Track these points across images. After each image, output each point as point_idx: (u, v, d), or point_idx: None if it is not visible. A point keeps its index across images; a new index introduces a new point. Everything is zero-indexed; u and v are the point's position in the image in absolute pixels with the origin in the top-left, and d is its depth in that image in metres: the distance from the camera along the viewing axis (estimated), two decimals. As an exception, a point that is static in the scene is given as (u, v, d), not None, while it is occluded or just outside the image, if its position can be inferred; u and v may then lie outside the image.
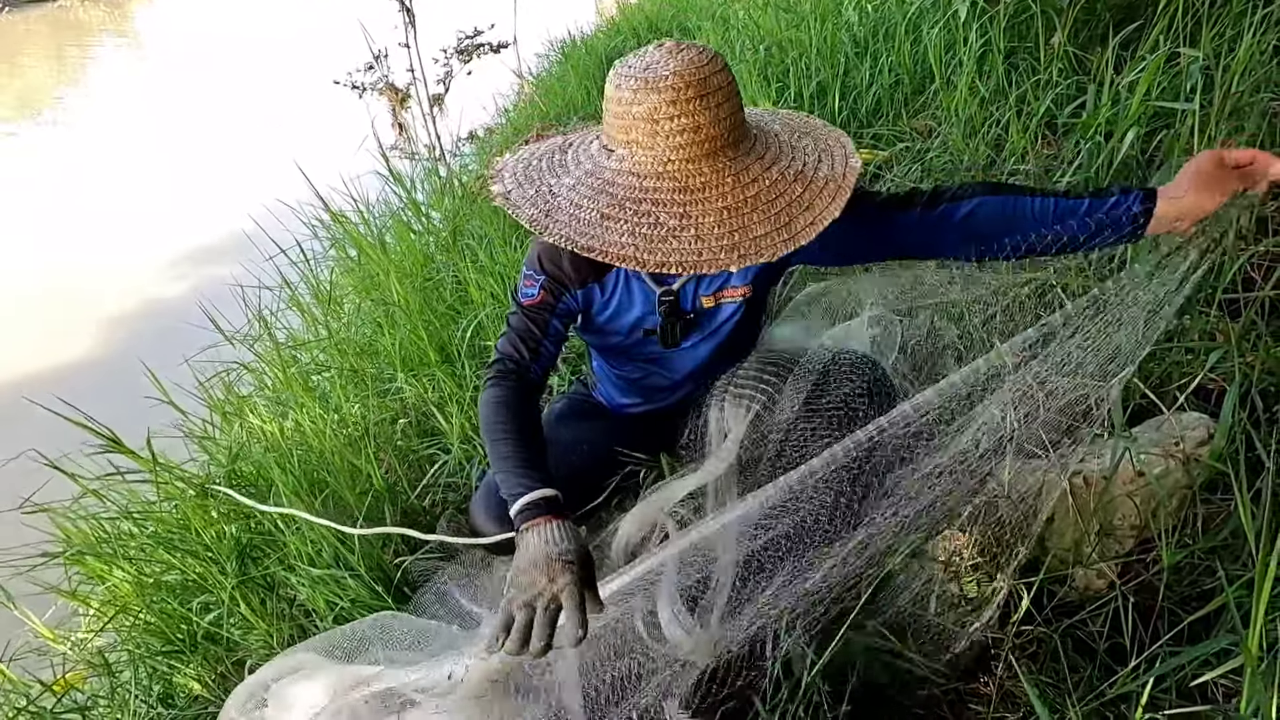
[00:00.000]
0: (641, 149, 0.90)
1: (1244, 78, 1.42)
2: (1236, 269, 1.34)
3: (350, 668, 1.27)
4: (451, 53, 3.86)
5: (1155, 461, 1.25)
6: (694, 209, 0.90)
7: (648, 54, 0.92)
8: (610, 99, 0.91)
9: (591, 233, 0.89)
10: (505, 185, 0.98)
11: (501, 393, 1.15)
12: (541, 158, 1.02)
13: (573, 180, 0.94)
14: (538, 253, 1.16)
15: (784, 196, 0.94)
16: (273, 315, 2.40)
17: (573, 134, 1.10)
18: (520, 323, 1.18)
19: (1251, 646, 0.65)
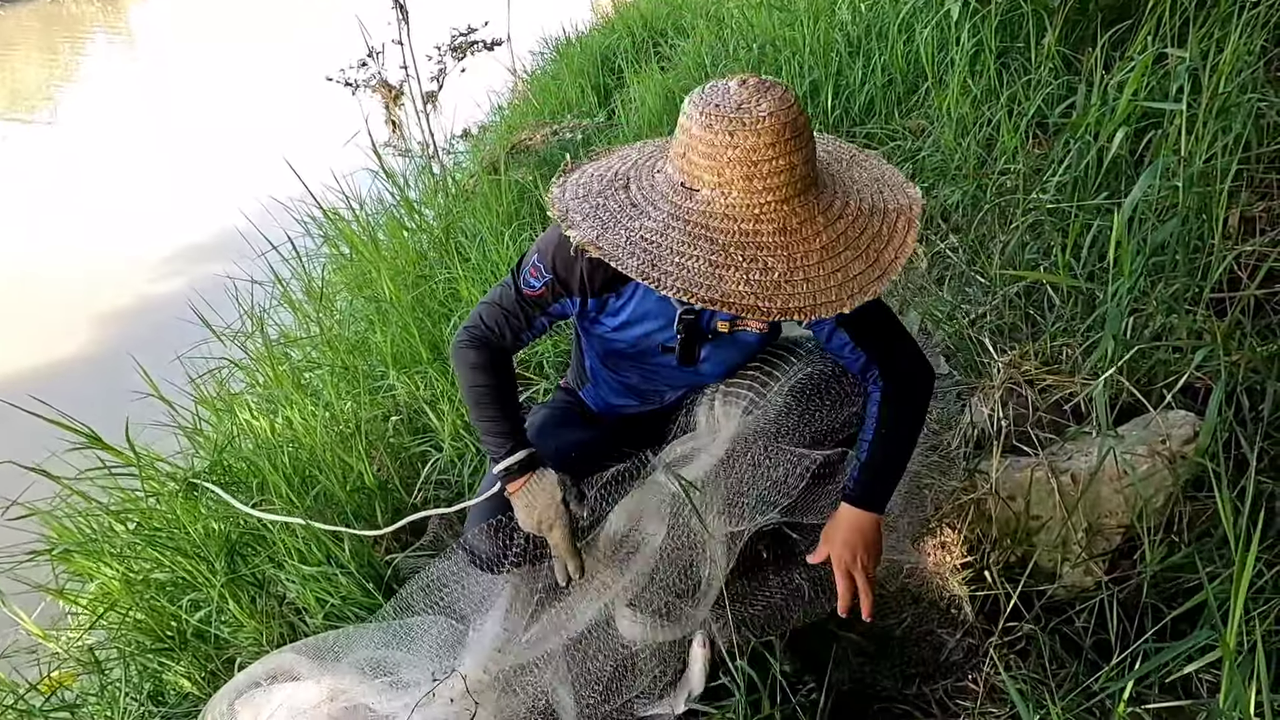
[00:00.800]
0: (736, 190, 0.87)
1: (1231, 78, 1.43)
2: (1223, 268, 1.35)
3: (328, 678, 1.27)
4: (445, 50, 3.85)
5: (1142, 460, 1.26)
6: (796, 250, 0.89)
7: (732, 91, 0.88)
8: (697, 139, 0.87)
9: (707, 284, 0.86)
10: (586, 231, 0.92)
11: (481, 357, 1.20)
12: (603, 195, 0.97)
13: (658, 224, 0.89)
14: (553, 250, 1.12)
15: (867, 231, 0.95)
16: (265, 312, 2.39)
17: (611, 160, 1.05)
18: (512, 306, 1.18)
19: (1229, 641, 0.66)
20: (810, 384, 1.24)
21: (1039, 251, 1.71)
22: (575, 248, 1.01)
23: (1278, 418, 1.22)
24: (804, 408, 1.22)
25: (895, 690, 1.26)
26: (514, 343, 1.22)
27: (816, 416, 1.22)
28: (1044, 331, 1.57)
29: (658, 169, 0.98)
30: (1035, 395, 1.51)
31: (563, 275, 1.13)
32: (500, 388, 1.20)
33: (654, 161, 1.00)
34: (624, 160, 1.04)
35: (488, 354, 1.20)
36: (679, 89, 3.13)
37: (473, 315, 1.22)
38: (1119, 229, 1.30)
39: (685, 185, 0.90)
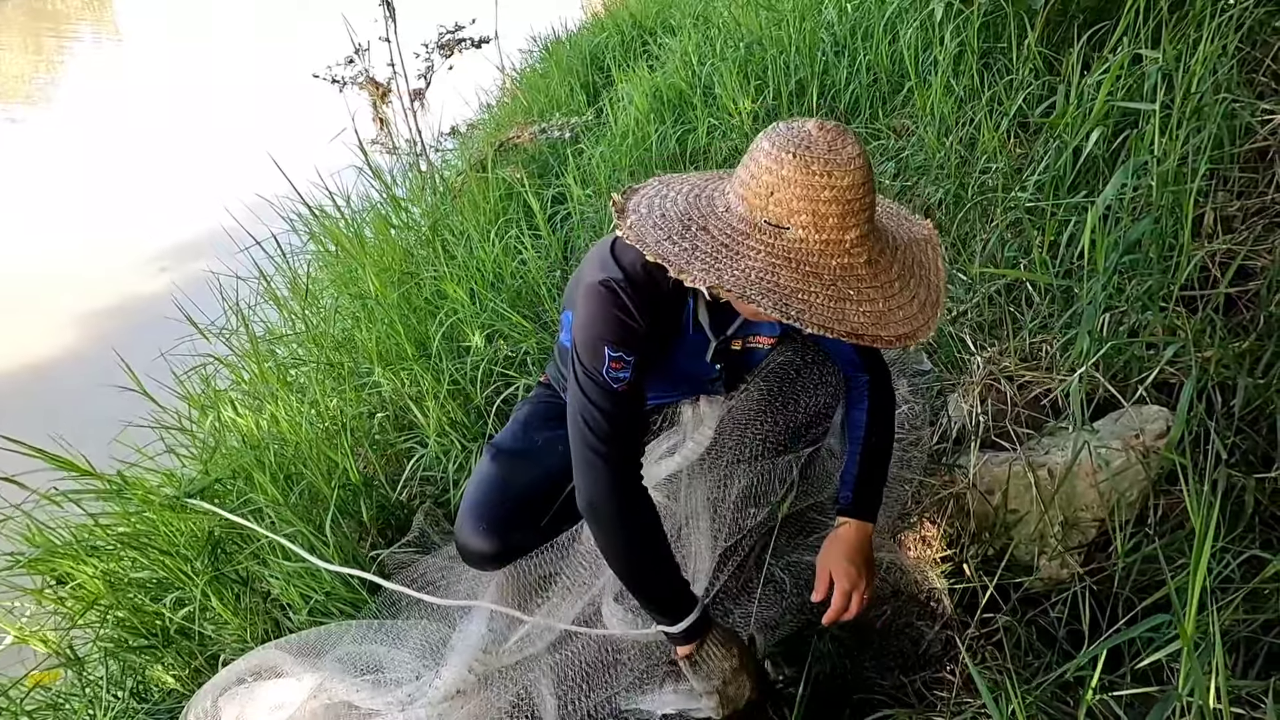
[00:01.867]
0: (830, 227, 0.90)
1: (1204, 79, 1.46)
2: (1194, 266, 1.37)
3: (312, 675, 1.28)
4: (432, 47, 3.83)
5: (1116, 454, 1.28)
6: (881, 280, 0.94)
7: (815, 134, 0.91)
8: (790, 180, 0.89)
9: (836, 318, 0.89)
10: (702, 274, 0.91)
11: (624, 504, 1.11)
12: (686, 238, 0.95)
13: (763, 264, 0.90)
14: (613, 330, 1.09)
15: (917, 260, 1.01)
16: (250, 309, 2.38)
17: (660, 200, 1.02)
18: (619, 409, 1.10)
19: (1187, 628, 0.67)
20: (787, 369, 1.26)
21: (1019, 249, 1.73)
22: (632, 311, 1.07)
23: (1248, 413, 1.24)
24: (782, 392, 1.24)
25: (874, 681, 1.27)
26: (639, 436, 1.18)
27: (794, 399, 1.24)
28: (1023, 328, 1.59)
29: (721, 209, 0.97)
30: (1014, 391, 1.53)
31: (638, 348, 1.11)
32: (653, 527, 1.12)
33: (711, 200, 0.99)
34: (672, 199, 1.01)
35: (626, 494, 1.11)
36: (667, 87, 3.14)
37: (584, 450, 1.11)
38: (1093, 226, 1.32)
39: (771, 224, 0.92)
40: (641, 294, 1.09)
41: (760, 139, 0.94)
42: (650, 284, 1.09)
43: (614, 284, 1.09)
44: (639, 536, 1.11)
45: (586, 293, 1.11)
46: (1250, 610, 1.06)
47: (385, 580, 1.35)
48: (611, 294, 1.08)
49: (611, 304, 1.09)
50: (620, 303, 1.08)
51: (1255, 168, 1.56)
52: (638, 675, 1.25)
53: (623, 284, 1.09)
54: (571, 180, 2.78)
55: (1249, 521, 1.15)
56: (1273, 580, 1.02)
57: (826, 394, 1.30)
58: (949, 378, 1.67)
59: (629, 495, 1.11)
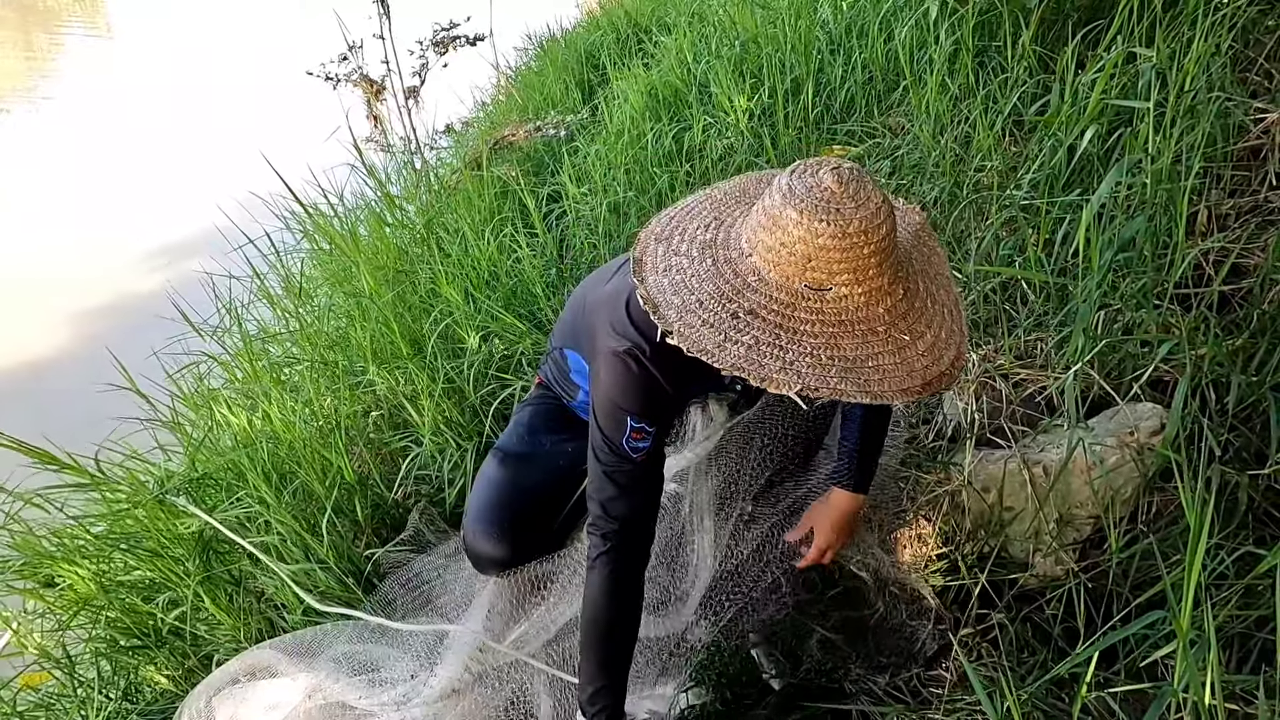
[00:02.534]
0: (869, 279, 0.88)
1: (1197, 78, 1.46)
2: (1187, 264, 1.38)
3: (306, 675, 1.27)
4: (427, 45, 3.82)
5: (1111, 451, 1.28)
6: (917, 304, 0.93)
7: (835, 191, 0.86)
8: (827, 248, 0.86)
9: (907, 371, 0.88)
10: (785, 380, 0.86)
11: (617, 580, 1.11)
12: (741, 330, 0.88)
13: (823, 339, 0.87)
14: (635, 401, 1.07)
15: (922, 255, 1.00)
16: (243, 307, 2.37)
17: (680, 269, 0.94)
18: (636, 478, 1.10)
19: (1183, 624, 0.67)
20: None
21: (1014, 247, 1.74)
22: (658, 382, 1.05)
23: (1241, 410, 1.25)
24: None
25: (868, 679, 1.27)
26: (653, 504, 1.16)
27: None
28: (1018, 326, 1.59)
29: (753, 279, 0.90)
30: (1009, 389, 1.53)
31: (660, 415, 1.09)
32: (622, 631, 1.13)
33: (735, 269, 0.92)
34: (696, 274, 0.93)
35: (623, 572, 1.11)
36: (662, 85, 3.13)
37: (596, 516, 1.11)
38: (1086, 224, 1.32)
39: (812, 288, 0.88)
40: (666, 360, 1.05)
41: (781, 204, 0.87)
42: (673, 349, 1.00)
43: (638, 354, 1.05)
44: (610, 610, 1.11)
45: (608, 362, 1.08)
46: (1243, 606, 1.06)
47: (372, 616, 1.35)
48: (637, 364, 1.05)
49: (636, 376, 1.05)
50: (645, 374, 1.05)
51: (1248, 166, 1.56)
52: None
53: (647, 354, 1.05)
54: (567, 178, 2.77)
55: (1242, 518, 1.15)
56: (1265, 576, 1.03)
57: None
58: (944, 376, 1.67)
59: (619, 572, 1.11)
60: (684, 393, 1.13)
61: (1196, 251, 1.40)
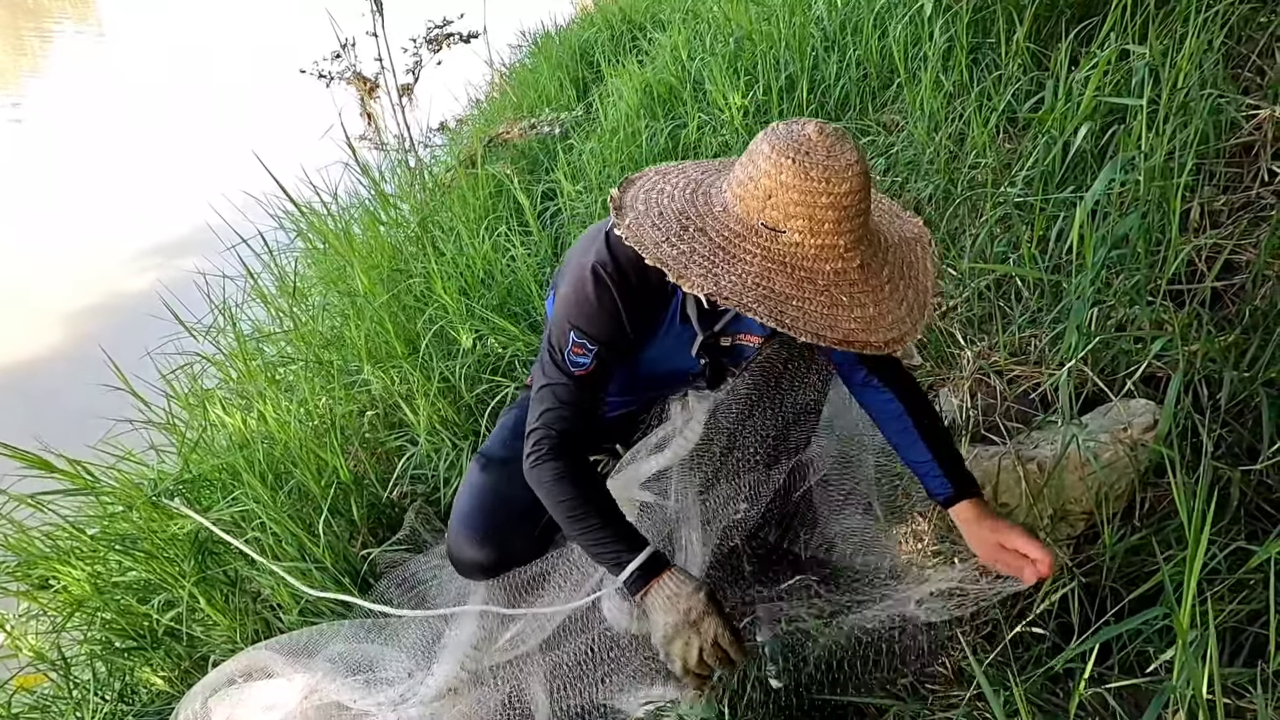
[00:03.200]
0: (825, 232, 0.91)
1: (1190, 75, 1.47)
2: (1180, 261, 1.38)
3: (303, 675, 1.27)
4: (420, 42, 3.81)
5: (1104, 447, 1.29)
6: (874, 283, 0.95)
7: (815, 139, 0.90)
8: (789, 185, 0.89)
9: (830, 325, 0.90)
10: (700, 281, 0.91)
11: (564, 468, 1.11)
12: (684, 240, 0.94)
13: (758, 269, 0.91)
14: (587, 317, 1.10)
15: (906, 260, 1.01)
16: (237, 307, 2.36)
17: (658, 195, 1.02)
18: (570, 395, 1.12)
19: (1183, 620, 0.68)
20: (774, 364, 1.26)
21: (1008, 244, 1.74)
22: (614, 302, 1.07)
23: (1234, 406, 1.25)
24: (769, 385, 1.24)
25: (864, 676, 1.28)
26: (586, 422, 1.16)
27: (782, 392, 1.25)
28: (1012, 323, 1.60)
29: (719, 208, 0.97)
30: (1003, 385, 1.53)
31: (608, 339, 1.11)
32: (591, 495, 1.11)
33: (708, 197, 0.99)
34: (669, 195, 1.01)
35: (568, 465, 1.11)
36: (657, 83, 3.13)
37: (533, 426, 1.14)
38: (1081, 222, 1.33)
39: (768, 226, 0.92)
40: (628, 282, 1.09)
41: (760, 141, 0.94)
42: (639, 273, 1.08)
43: (601, 270, 1.09)
44: (573, 503, 1.10)
45: (574, 272, 1.12)
46: (1236, 601, 1.07)
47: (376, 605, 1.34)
48: (596, 280, 1.09)
49: (593, 290, 1.09)
50: (601, 291, 1.08)
51: (1241, 163, 1.57)
52: (632, 672, 1.25)
53: (610, 271, 1.09)
54: (562, 176, 2.77)
55: (1235, 513, 1.16)
56: (1258, 571, 1.03)
57: (815, 388, 1.30)
58: (939, 373, 1.67)
59: (563, 470, 1.11)
60: (638, 328, 1.13)
61: (1190, 248, 1.41)
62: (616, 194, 1.01)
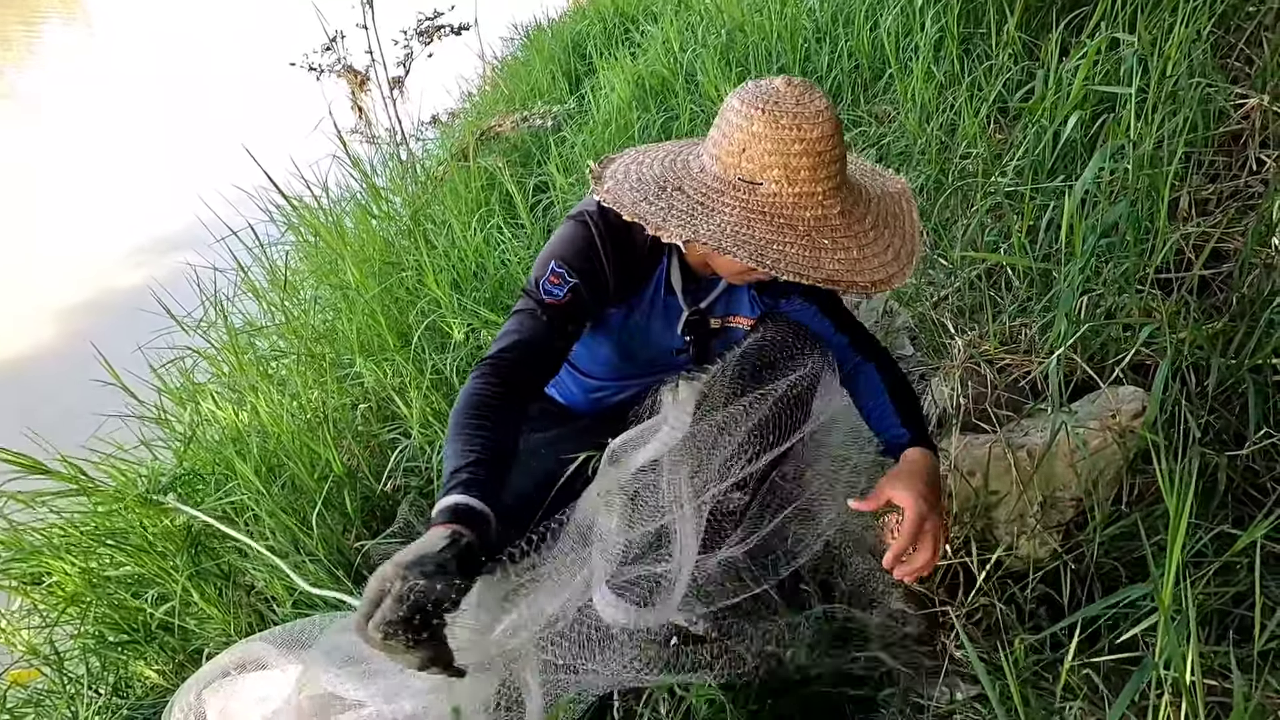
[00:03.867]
0: (802, 180, 0.92)
1: (1178, 64, 1.47)
2: (1168, 249, 1.39)
3: (297, 667, 1.27)
4: (411, 34, 3.79)
5: (1093, 434, 1.30)
6: (856, 229, 0.95)
7: (783, 90, 0.92)
8: (760, 135, 0.91)
9: (812, 265, 0.90)
10: (677, 229, 0.91)
11: (484, 388, 0.99)
12: (661, 198, 0.95)
13: (737, 218, 0.91)
14: (572, 250, 1.08)
15: (890, 211, 1.02)
16: (228, 301, 2.35)
17: (635, 166, 1.03)
18: (534, 323, 1.06)
19: (1165, 599, 0.69)
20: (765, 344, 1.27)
21: (999, 234, 1.75)
22: (595, 243, 1.06)
23: (1221, 392, 1.27)
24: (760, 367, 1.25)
25: (858, 664, 1.29)
26: (542, 362, 1.08)
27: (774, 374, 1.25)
28: (1003, 312, 1.61)
29: (696, 169, 0.98)
30: (994, 374, 1.54)
31: (585, 271, 1.08)
32: (483, 423, 0.97)
33: (686, 163, 1.01)
34: (648, 165, 1.03)
35: (491, 388, 0.99)
36: (649, 75, 3.12)
37: (493, 350, 1.05)
38: (1071, 211, 1.33)
39: (745, 180, 0.93)
40: (614, 235, 1.10)
41: (730, 98, 0.95)
42: (625, 233, 1.09)
43: (588, 218, 1.10)
44: (457, 421, 0.96)
45: (563, 224, 1.13)
46: (1221, 584, 1.08)
47: None
48: (583, 226, 1.09)
49: (579, 233, 1.09)
50: (587, 234, 1.09)
51: (1229, 151, 1.58)
52: (626, 663, 1.25)
53: (597, 221, 1.09)
54: (554, 168, 2.76)
55: (1221, 498, 1.17)
56: (1244, 554, 1.05)
57: (808, 371, 1.30)
58: (931, 362, 1.68)
59: (476, 390, 0.99)
60: (620, 281, 1.12)
61: (1178, 236, 1.42)
62: (596, 167, 1.03)
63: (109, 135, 6.39)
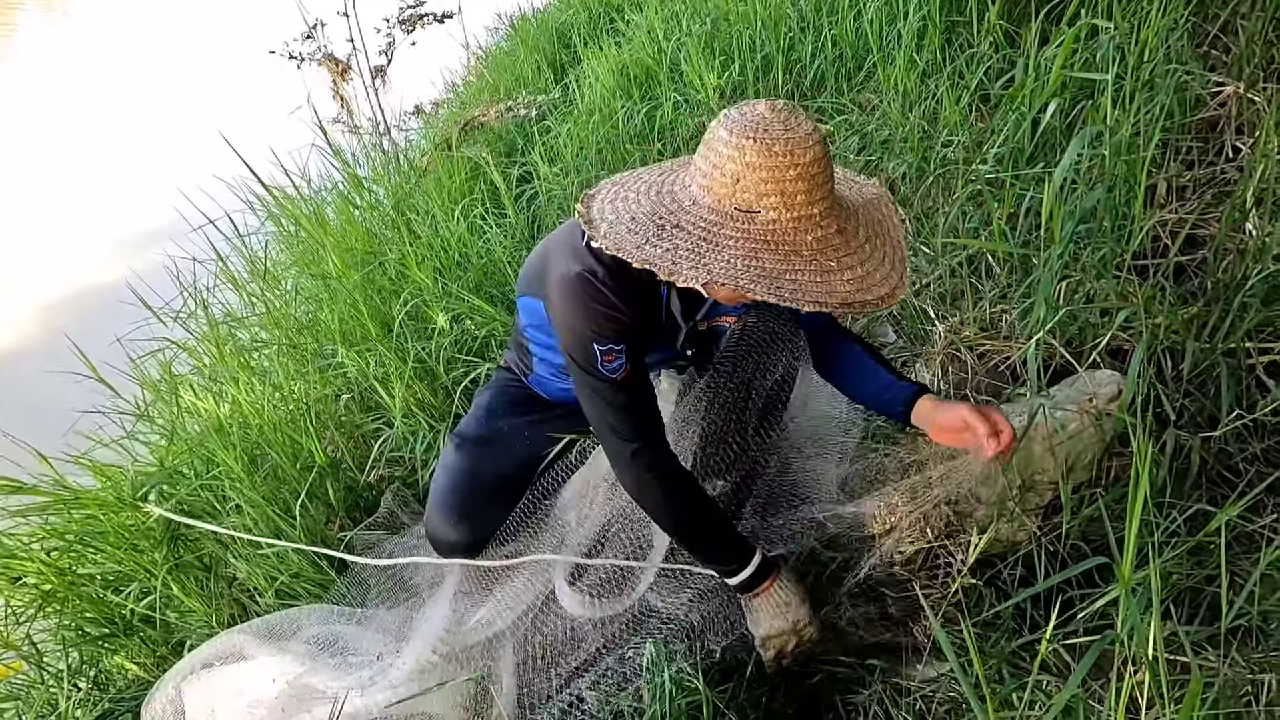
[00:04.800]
0: (799, 205, 0.92)
1: (1156, 50, 1.48)
2: (1144, 234, 1.40)
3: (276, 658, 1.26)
4: (393, 22, 3.75)
5: (1071, 418, 1.31)
6: (853, 245, 0.96)
7: (768, 117, 0.91)
8: (755, 165, 0.90)
9: (826, 291, 0.91)
10: (692, 272, 0.90)
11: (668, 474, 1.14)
12: (662, 238, 0.94)
13: (745, 251, 0.91)
14: (597, 323, 1.08)
15: (875, 219, 1.03)
16: (208, 292, 2.33)
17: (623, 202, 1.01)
18: (628, 399, 1.12)
19: (1125, 570, 0.70)
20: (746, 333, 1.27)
21: (979, 221, 1.76)
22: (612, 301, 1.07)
23: (1195, 375, 1.28)
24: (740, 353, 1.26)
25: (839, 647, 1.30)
26: (658, 420, 1.17)
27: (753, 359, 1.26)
28: (983, 298, 1.62)
29: (688, 202, 0.96)
30: (974, 360, 1.56)
31: (626, 333, 1.10)
32: (698, 494, 1.17)
33: (675, 195, 0.98)
34: (635, 200, 1.00)
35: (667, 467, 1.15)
36: (633, 64, 3.11)
37: (612, 444, 1.14)
38: (1050, 198, 1.34)
39: (741, 210, 0.92)
40: (621, 284, 1.08)
41: (716, 128, 0.94)
42: (626, 275, 1.07)
43: (589, 276, 1.07)
44: (682, 506, 1.16)
45: (561, 285, 1.10)
46: (1195, 565, 1.10)
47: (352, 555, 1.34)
48: (589, 286, 1.07)
49: (593, 297, 1.08)
50: (601, 295, 1.08)
51: (1206, 138, 1.59)
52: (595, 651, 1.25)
53: (602, 277, 1.07)
54: (538, 158, 2.75)
55: (1195, 479, 1.19)
56: (1217, 535, 1.06)
57: (789, 356, 1.31)
58: (912, 349, 1.69)
59: (663, 473, 1.14)
60: (640, 317, 1.12)
61: (1154, 222, 1.43)
62: (582, 209, 1.01)
63: (86, 126, 6.29)
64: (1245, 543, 1.13)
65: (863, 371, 1.29)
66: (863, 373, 1.29)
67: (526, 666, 1.23)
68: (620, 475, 1.15)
